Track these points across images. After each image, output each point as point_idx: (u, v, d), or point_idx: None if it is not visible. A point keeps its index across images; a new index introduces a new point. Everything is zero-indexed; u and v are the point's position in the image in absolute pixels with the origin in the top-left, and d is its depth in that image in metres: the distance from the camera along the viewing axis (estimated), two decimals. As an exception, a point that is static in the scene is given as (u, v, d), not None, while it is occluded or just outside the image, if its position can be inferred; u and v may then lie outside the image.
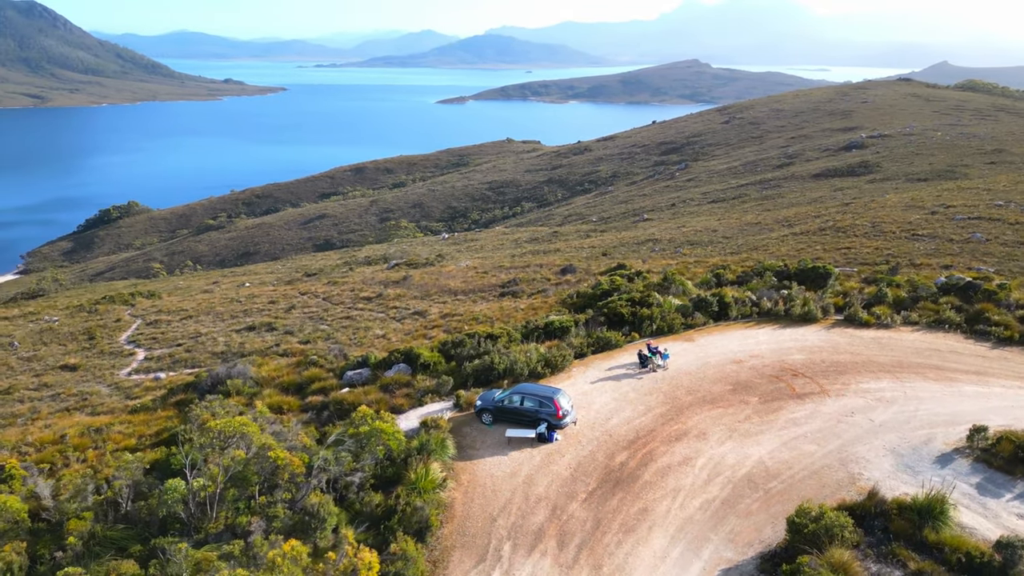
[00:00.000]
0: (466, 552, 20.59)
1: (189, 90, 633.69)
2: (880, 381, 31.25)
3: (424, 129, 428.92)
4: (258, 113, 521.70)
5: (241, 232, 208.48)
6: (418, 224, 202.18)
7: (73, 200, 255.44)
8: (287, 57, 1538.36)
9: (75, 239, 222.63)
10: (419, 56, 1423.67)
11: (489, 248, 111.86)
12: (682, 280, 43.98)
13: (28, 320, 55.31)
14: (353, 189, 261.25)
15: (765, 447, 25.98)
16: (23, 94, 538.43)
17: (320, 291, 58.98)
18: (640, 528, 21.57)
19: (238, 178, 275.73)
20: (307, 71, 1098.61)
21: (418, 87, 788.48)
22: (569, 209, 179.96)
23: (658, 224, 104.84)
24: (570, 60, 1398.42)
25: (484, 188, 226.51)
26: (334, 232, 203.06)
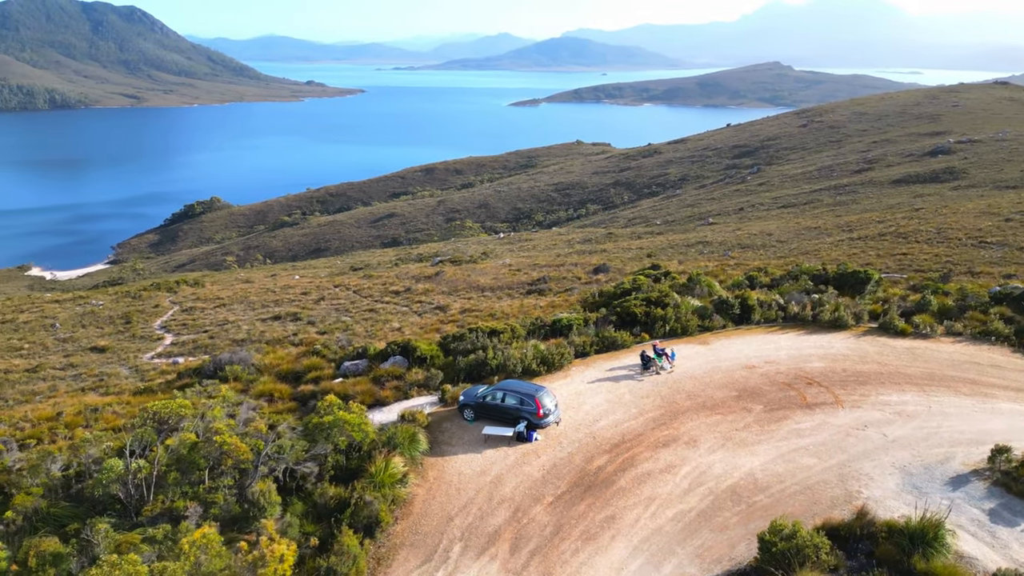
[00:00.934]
0: (413, 551, 19.82)
1: (273, 91, 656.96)
2: (904, 394, 28.82)
3: (495, 131, 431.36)
4: (337, 114, 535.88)
5: (313, 229, 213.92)
6: (483, 224, 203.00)
7: (162, 195, 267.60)
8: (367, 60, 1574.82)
9: (161, 232, 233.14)
10: (495, 59, 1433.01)
11: (541, 248, 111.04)
12: (709, 281, 42.00)
13: (76, 304, 57.97)
14: (422, 189, 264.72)
15: (759, 458, 24.21)
16: (121, 94, 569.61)
17: (352, 284, 59.38)
18: (602, 537, 20.31)
19: (314, 176, 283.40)
20: (385, 73, 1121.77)
21: (492, 89, 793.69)
22: (634, 212, 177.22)
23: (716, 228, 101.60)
24: (646, 62, 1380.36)
25: (550, 190, 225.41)
26: (401, 231, 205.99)
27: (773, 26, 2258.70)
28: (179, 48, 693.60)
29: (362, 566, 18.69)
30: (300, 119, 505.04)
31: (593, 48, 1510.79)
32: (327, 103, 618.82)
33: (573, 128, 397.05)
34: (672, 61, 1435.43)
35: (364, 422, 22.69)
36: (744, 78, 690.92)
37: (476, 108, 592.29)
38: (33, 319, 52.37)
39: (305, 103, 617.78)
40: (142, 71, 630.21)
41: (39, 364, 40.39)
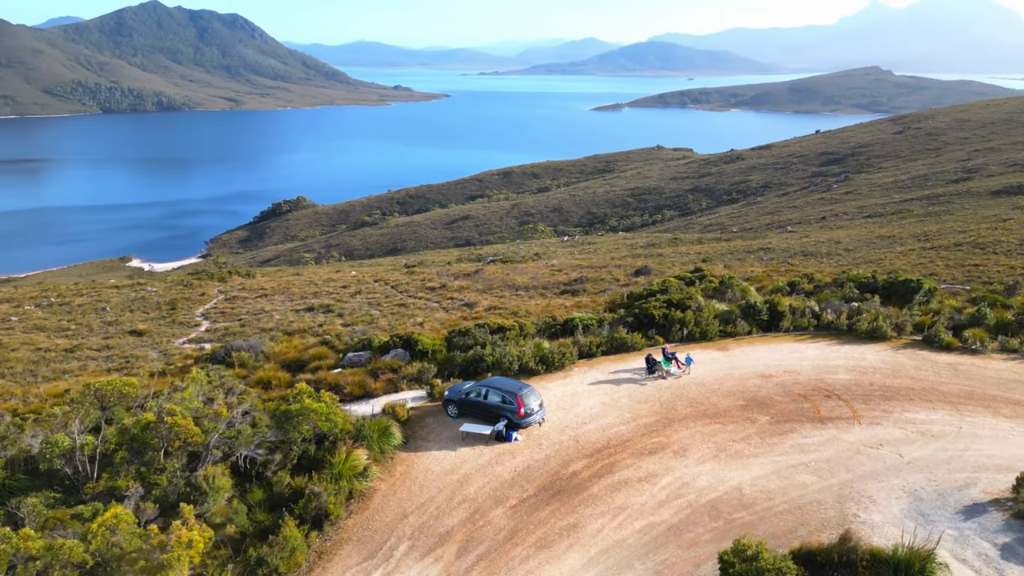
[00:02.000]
0: (359, 546, 19.14)
1: (362, 95, 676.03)
2: (934, 412, 26.19)
3: (575, 135, 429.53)
4: (421, 118, 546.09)
5: (391, 229, 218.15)
6: (555, 228, 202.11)
7: (253, 193, 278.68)
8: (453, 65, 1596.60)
9: (250, 229, 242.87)
10: (579, 63, 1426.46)
11: (602, 250, 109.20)
12: (743, 286, 39.76)
13: (132, 290, 60.66)
14: (498, 192, 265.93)
15: (751, 472, 22.37)
16: (222, 97, 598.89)
17: (392, 280, 59.64)
18: (558, 545, 19.08)
19: (396, 178, 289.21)
20: (470, 78, 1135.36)
21: (575, 94, 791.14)
22: (711, 219, 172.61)
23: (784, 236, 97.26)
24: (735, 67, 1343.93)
25: (626, 195, 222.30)
26: (475, 233, 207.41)
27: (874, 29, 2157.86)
28: (276, 54, 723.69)
29: (300, 559, 18.15)
30: (386, 122, 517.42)
31: (680, 53, 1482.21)
32: (413, 107, 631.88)
33: (655, 133, 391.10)
34: (763, 66, 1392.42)
35: (332, 412, 22.23)
36: (839, 83, 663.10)
37: (557, 113, 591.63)
38: (88, 302, 55.13)
39: (392, 107, 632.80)
40: (241, 75, 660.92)
41: (78, 344, 42.26)
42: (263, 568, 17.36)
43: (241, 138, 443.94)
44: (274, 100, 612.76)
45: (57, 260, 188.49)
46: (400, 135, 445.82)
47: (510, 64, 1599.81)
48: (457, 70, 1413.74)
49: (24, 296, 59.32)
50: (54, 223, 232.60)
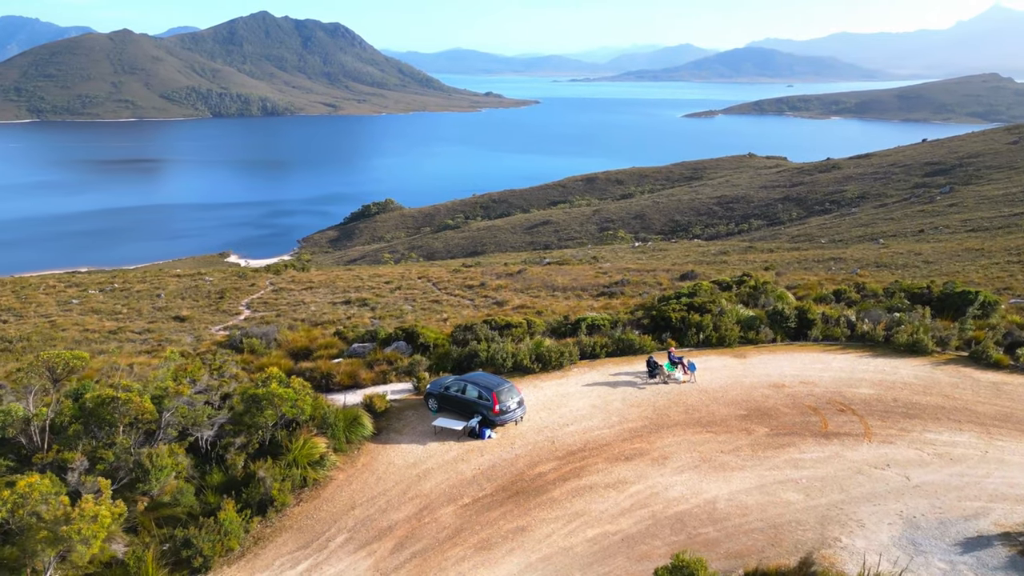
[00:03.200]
0: (297, 535, 18.70)
1: (454, 102, 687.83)
2: (959, 433, 23.55)
3: (664, 142, 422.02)
4: (509, 124, 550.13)
5: (473, 233, 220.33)
6: (636, 235, 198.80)
7: (345, 195, 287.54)
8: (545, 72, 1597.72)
9: (340, 229, 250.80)
10: (673, 70, 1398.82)
11: (671, 256, 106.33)
12: (781, 292, 37.27)
13: (191, 279, 63.29)
14: (581, 198, 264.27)
15: (732, 486, 20.64)
16: (321, 103, 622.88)
17: (435, 277, 59.64)
18: (499, 548, 18.06)
19: (481, 183, 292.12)
20: (561, 85, 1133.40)
21: (667, 101, 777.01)
22: (800, 229, 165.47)
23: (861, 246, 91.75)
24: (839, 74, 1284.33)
25: (712, 203, 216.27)
26: (554, 238, 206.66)
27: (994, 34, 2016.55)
28: (374, 61, 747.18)
29: (233, 543, 17.89)
30: (475, 128, 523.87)
31: (779, 59, 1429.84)
32: (502, 113, 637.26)
33: (748, 141, 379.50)
34: (869, 72, 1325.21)
35: (300, 399, 21.97)
36: (953, 91, 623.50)
37: (647, 120, 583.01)
38: (146, 289, 57.83)
39: (482, 113, 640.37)
40: (341, 82, 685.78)
41: (122, 327, 44.20)
42: (188, 550, 17.18)
43: (337, 142, 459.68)
44: (370, 106, 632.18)
45: (165, 254, 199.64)
46: (488, 141, 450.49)
47: (602, 71, 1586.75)
48: (548, 77, 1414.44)
49: (92, 281, 63.06)
50: (165, 219, 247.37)
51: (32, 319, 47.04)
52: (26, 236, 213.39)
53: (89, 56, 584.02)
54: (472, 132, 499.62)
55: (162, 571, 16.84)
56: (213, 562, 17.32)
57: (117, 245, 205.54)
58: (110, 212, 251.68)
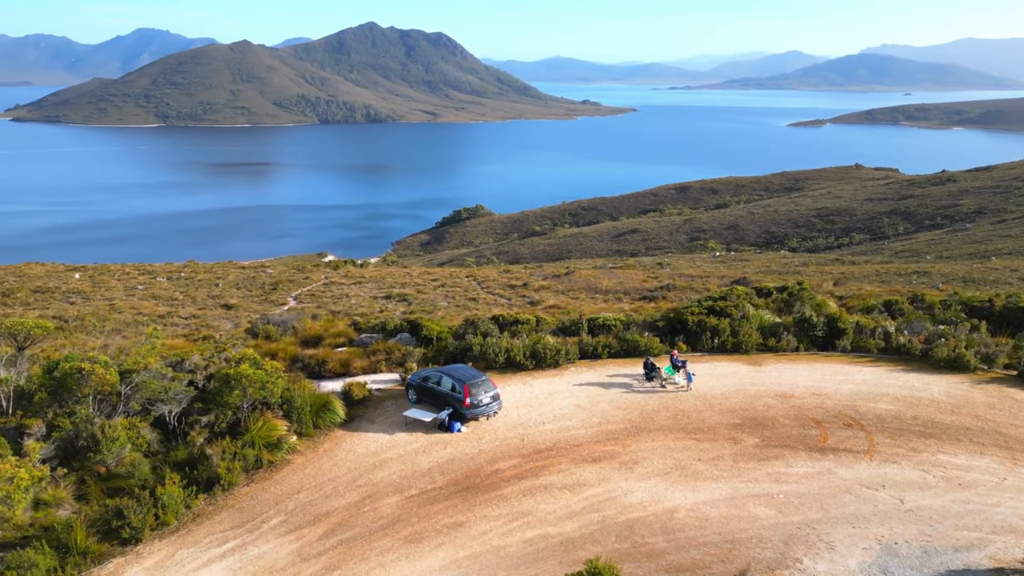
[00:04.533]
0: (236, 514, 18.56)
1: (550, 110, 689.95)
2: (979, 458, 20.96)
3: (765, 151, 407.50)
4: (605, 132, 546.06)
5: (559, 239, 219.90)
6: (728, 246, 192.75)
7: (438, 200, 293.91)
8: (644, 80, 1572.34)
9: (432, 233, 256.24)
10: (779, 78, 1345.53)
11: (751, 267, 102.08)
12: (820, 300, 34.64)
13: (253, 271, 65.70)
14: (672, 207, 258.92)
15: (699, 496, 19.08)
16: (422, 111, 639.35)
17: (481, 276, 59.34)
18: (429, 542, 17.31)
19: (572, 190, 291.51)
20: (660, 93, 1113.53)
21: (771, 109, 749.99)
22: (905, 245, 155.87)
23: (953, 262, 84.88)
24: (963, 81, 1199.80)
25: (811, 214, 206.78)
26: (641, 247, 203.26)
27: None
28: (473, 70, 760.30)
29: (169, 518, 17.95)
30: (569, 136, 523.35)
31: (896, 65, 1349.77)
32: (598, 121, 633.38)
33: (856, 151, 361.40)
34: (997, 80, 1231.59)
35: (271, 382, 21.99)
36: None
37: (748, 128, 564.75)
38: (208, 279, 60.53)
39: (578, 121, 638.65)
40: (441, 90, 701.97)
41: (172, 312, 46.33)
42: (119, 520, 17.38)
43: (434, 149, 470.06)
44: (468, 113, 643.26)
45: (269, 252, 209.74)
46: (582, 148, 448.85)
47: (704, 79, 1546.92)
48: (648, 85, 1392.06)
49: (163, 270, 66.72)
50: (271, 219, 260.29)
51: (96, 302, 50.12)
52: (145, 231, 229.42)
53: (211, 66, 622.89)
54: (566, 140, 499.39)
55: (92, 539, 17.11)
56: (143, 534, 17.42)
57: (226, 242, 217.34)
58: (222, 211, 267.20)
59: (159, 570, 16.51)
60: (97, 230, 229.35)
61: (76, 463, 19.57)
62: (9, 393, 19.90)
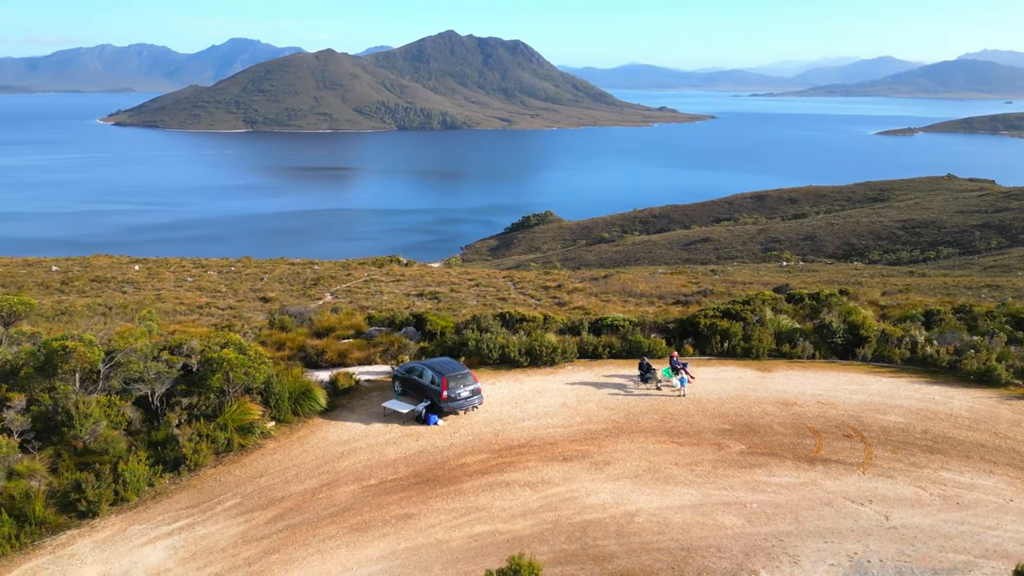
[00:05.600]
0: (195, 494, 18.67)
1: (625, 116, 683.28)
2: (988, 477, 19.16)
3: (849, 161, 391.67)
4: (681, 139, 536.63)
5: (627, 247, 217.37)
6: (804, 258, 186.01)
7: (508, 206, 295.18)
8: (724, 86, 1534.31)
9: (500, 239, 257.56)
10: (868, 84, 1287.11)
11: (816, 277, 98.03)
12: (852, 307, 32.56)
13: (301, 267, 67.27)
14: (747, 216, 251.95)
15: (666, 501, 18.09)
16: (497, 118, 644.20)
17: (517, 277, 58.85)
18: (373, 532, 16.96)
19: (643, 197, 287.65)
20: (741, 100, 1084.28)
21: (859, 117, 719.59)
22: (997, 260, 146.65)
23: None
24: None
25: (895, 227, 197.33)
26: (712, 256, 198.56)
27: None
28: (549, 77, 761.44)
29: (130, 495, 18.26)
30: (644, 142, 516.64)
31: (998, 72, 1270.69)
32: (674, 128, 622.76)
33: (949, 162, 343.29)
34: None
35: (253, 367, 22.19)
36: None
37: (833, 136, 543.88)
38: (256, 273, 62.36)
39: (653, 128, 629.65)
40: (516, 97, 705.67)
41: (211, 303, 47.85)
42: (77, 493, 17.79)
43: (507, 155, 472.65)
44: (542, 120, 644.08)
45: (342, 254, 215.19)
46: (655, 155, 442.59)
47: (788, 85, 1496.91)
48: (728, 92, 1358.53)
49: (216, 264, 69.18)
50: (347, 222, 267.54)
51: (145, 291, 52.33)
52: (228, 231, 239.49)
53: (297, 73, 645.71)
54: (640, 146, 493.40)
55: (51, 511, 17.56)
56: (100, 508, 17.77)
57: (303, 243, 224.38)
58: (302, 214, 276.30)
59: (107, 543, 16.78)
60: (185, 229, 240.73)
61: (56, 437, 20.25)
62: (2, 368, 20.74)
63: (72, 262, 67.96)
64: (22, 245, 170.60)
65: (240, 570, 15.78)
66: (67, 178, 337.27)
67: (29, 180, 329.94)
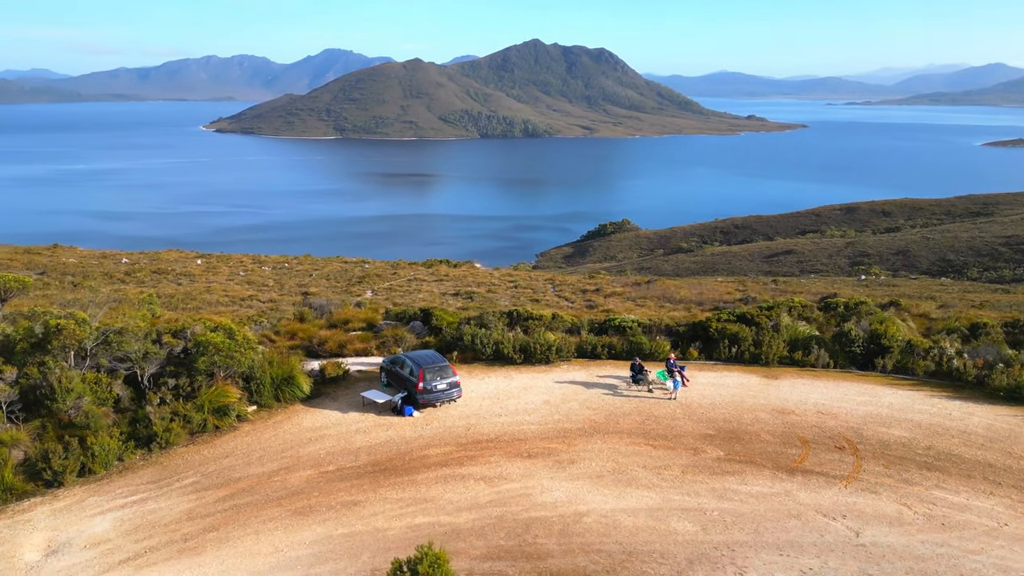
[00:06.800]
0: (159, 471, 19.04)
1: (711, 125, 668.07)
2: (986, 498, 17.42)
3: (951, 172, 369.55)
4: (769, 148, 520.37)
5: (705, 257, 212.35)
6: (895, 274, 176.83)
7: (586, 214, 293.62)
8: (818, 95, 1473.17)
9: (575, 246, 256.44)
10: (976, 92, 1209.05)
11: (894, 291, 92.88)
12: (886, 317, 30.34)
13: (352, 266, 68.57)
14: (836, 229, 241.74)
15: (622, 503, 17.24)
16: (578, 126, 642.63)
17: (558, 280, 57.99)
18: (314, 516, 16.82)
19: (725, 207, 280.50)
20: (836, 109, 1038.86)
21: (964, 127, 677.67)
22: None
23: None
24: None
25: (998, 242, 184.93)
26: (795, 269, 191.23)
27: None
28: (633, 85, 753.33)
29: (97, 467, 18.86)
30: (729, 152, 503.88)
31: None
32: (763, 137, 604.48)
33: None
34: None
35: (238, 351, 22.58)
36: None
37: (935, 147, 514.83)
38: (306, 269, 64.10)
39: (740, 137, 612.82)
40: (599, 105, 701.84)
41: (255, 295, 49.40)
42: (43, 463, 18.48)
43: (587, 163, 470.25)
44: (624, 128, 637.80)
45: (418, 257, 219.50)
46: (740, 165, 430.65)
47: (887, 93, 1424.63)
48: (822, 100, 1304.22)
49: (273, 260, 71.59)
50: (426, 227, 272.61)
51: (198, 283, 54.61)
52: (312, 234, 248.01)
53: (385, 83, 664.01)
54: (725, 156, 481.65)
55: (19, 478, 18.31)
56: (65, 478, 18.39)
57: (383, 247, 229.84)
58: (384, 218, 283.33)
59: (63, 512, 17.32)
60: (271, 231, 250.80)
61: (44, 410, 21.17)
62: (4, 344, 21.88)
63: (143, 256, 71.83)
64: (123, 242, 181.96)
65: (175, 545, 15.97)
66: (169, 181, 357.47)
67: (136, 182, 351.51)
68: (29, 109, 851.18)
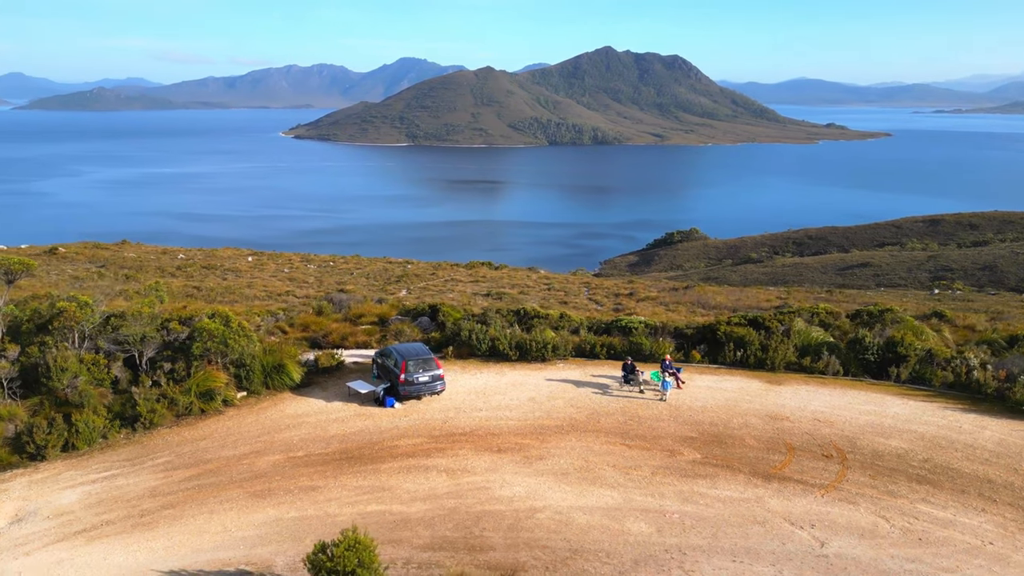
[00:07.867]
0: (136, 450, 19.59)
1: (788, 133, 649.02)
2: (976, 515, 16.23)
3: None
4: (848, 157, 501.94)
5: (775, 268, 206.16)
6: (980, 289, 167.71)
7: (651, 222, 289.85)
8: (904, 103, 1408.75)
9: (641, 255, 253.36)
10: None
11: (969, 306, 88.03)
12: (917, 325, 28.53)
13: (395, 266, 69.47)
14: (916, 242, 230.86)
15: (582, 501, 16.75)
16: (649, 133, 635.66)
17: (595, 284, 57.08)
18: (270, 499, 16.98)
19: (798, 217, 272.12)
20: (922, 117, 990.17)
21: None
22: None
23: None
24: None
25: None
26: (871, 282, 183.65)
27: None
28: (707, 92, 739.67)
29: (80, 444, 19.56)
30: (806, 161, 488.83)
31: None
32: (842, 146, 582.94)
33: None
34: None
35: (231, 338, 23.06)
36: None
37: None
38: (348, 268, 65.28)
39: (819, 145, 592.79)
40: (671, 113, 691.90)
41: (291, 291, 50.64)
42: (26, 437, 19.23)
43: (656, 171, 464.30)
44: (696, 136, 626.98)
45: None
46: (817, 174, 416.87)
47: (980, 101, 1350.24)
48: (908, 108, 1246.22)
49: (319, 259, 73.28)
50: (492, 233, 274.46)
51: (242, 279, 56.38)
52: (380, 237, 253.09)
53: (457, 90, 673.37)
54: (801, 165, 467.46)
55: (5, 450, 19.12)
56: (47, 452, 19.12)
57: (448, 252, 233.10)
58: (450, 224, 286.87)
59: (38, 484, 17.99)
60: (342, 234, 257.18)
61: (44, 388, 22.10)
62: (1, 322, 22.98)
63: (199, 252, 74.76)
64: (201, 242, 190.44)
65: (131, 520, 16.35)
66: (249, 184, 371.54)
67: (218, 186, 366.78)
68: (124, 116, 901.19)
